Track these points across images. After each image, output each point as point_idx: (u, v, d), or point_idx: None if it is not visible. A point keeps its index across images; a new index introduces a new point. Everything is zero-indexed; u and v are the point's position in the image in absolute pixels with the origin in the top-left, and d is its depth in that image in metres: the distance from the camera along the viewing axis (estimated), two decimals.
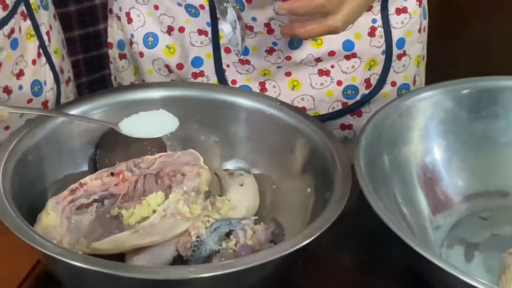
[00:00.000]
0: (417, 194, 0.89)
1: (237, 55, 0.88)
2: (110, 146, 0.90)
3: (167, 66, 1.04)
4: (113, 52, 1.10)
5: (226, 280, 0.70)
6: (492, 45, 1.84)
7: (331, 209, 0.76)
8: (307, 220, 0.83)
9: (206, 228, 0.80)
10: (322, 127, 0.89)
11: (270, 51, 0.99)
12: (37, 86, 1.00)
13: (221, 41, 1.00)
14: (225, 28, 0.86)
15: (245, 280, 0.73)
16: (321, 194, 0.82)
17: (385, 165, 0.86)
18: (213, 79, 1.02)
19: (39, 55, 1.00)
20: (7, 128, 0.98)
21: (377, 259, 0.87)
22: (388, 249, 0.83)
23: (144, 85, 1.01)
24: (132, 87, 0.99)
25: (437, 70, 1.16)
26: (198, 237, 0.79)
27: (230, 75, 1.02)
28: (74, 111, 0.89)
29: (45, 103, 1.03)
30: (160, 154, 0.89)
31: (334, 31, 0.84)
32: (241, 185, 0.89)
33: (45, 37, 1.01)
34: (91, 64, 1.24)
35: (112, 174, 0.85)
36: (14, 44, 0.96)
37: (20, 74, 0.97)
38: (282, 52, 0.99)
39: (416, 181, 0.89)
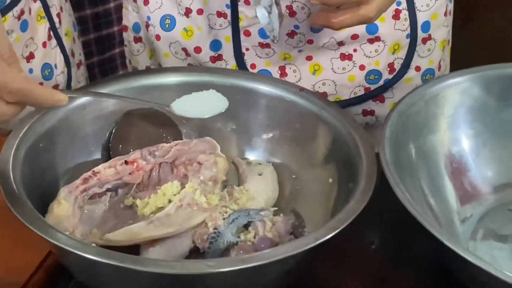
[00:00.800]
0: (444, 184, 0.87)
1: (273, 41, 0.87)
2: (124, 133, 0.88)
3: (184, 49, 1.02)
4: (128, 35, 1.09)
5: (245, 275, 0.68)
6: None
7: (356, 201, 0.73)
8: (329, 212, 0.82)
9: (224, 219, 0.79)
10: (345, 115, 0.86)
11: (291, 34, 0.97)
12: (47, 70, 0.99)
13: (241, 24, 0.98)
14: (259, 12, 0.84)
15: (265, 274, 0.71)
16: (345, 185, 0.80)
17: (411, 155, 0.84)
18: (232, 63, 1.01)
19: (49, 38, 0.99)
20: None
21: (402, 251, 0.85)
22: (413, 241, 0.82)
23: (159, 70, 1.00)
24: (147, 72, 0.96)
25: (458, 56, 1.15)
26: (215, 228, 0.77)
27: (249, 59, 1.00)
28: (85, 98, 0.87)
29: (55, 87, 1.01)
30: (176, 142, 0.87)
31: (367, 20, 0.83)
32: (260, 174, 0.87)
33: (56, 19, 1.00)
34: (101, 44, 1.24)
35: (126, 162, 0.83)
36: (24, 26, 0.94)
37: (30, 57, 0.96)
38: (304, 35, 0.97)
39: (443, 172, 0.87)
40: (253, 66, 1.01)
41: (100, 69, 1.31)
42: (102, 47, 1.28)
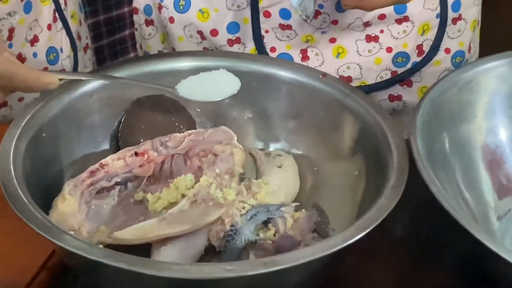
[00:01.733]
0: (480, 178, 0.84)
1: (306, 20, 0.85)
2: (134, 122, 0.85)
3: (199, 32, 1.00)
4: (139, 18, 1.06)
5: (267, 279, 0.64)
6: None
7: (387, 197, 0.69)
8: (355, 207, 0.78)
9: (241, 215, 0.75)
10: (372, 102, 0.83)
11: (315, 14, 0.94)
12: (52, 54, 0.97)
13: (260, 4, 0.95)
14: None
15: (288, 278, 0.67)
16: (373, 178, 0.77)
17: (444, 146, 0.82)
18: (250, 46, 0.99)
19: (54, 20, 0.97)
20: (21, 99, 0.97)
21: (433, 249, 0.82)
22: (446, 238, 0.80)
23: (172, 54, 0.98)
24: (159, 56, 0.96)
25: (486, 39, 1.13)
26: (232, 225, 0.74)
27: (269, 41, 0.98)
28: (93, 83, 0.84)
29: None
30: (189, 131, 0.84)
31: (402, 0, 0.82)
32: (280, 167, 0.84)
33: (61, 0, 0.98)
34: (111, 25, 1.22)
35: (136, 154, 0.80)
36: (28, 8, 0.92)
37: (34, 40, 0.95)
38: (328, 15, 0.95)
39: (479, 164, 0.85)
40: (273, 49, 0.98)
41: (110, 51, 1.29)
42: (112, 28, 1.26)
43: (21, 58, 0.94)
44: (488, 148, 0.85)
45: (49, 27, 0.96)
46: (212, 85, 0.83)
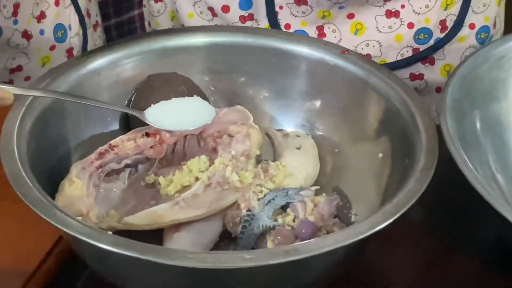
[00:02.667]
0: None
1: None
2: (145, 101, 0.81)
3: (210, 8, 0.98)
4: None
5: (288, 268, 0.60)
6: None
7: (417, 180, 0.66)
8: (380, 192, 0.76)
9: (259, 200, 0.74)
10: (398, 80, 0.80)
11: None
12: (60, 31, 0.96)
13: None
14: None
15: (310, 267, 0.63)
16: (399, 161, 0.74)
17: (475, 126, 0.80)
18: (264, 23, 0.97)
19: None
20: (27, 78, 0.95)
21: (463, 236, 0.80)
22: (474, 222, 0.79)
23: (183, 29, 0.95)
24: (170, 31, 0.91)
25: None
26: (249, 210, 0.72)
27: (283, 18, 0.95)
28: (101, 60, 0.82)
29: (69, 51, 0.98)
30: None
31: None
32: (298, 148, 0.82)
33: None
34: (119, 4, 1.20)
35: (147, 134, 0.78)
36: None
37: (41, 16, 0.93)
38: None
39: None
40: (287, 26, 0.96)
41: (118, 32, 1.29)
42: (120, 8, 1.24)
43: (27, 34, 0.92)
44: None
45: (57, 3, 0.95)
46: (184, 113, 0.79)
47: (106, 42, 1.14)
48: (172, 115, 0.79)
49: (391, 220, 0.61)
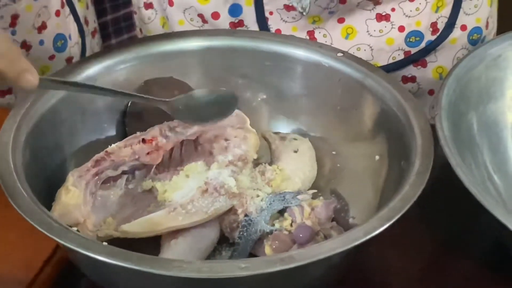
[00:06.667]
0: (510, 159, 0.82)
1: (301, 13, 0.83)
2: (141, 107, 0.83)
3: (200, 15, 0.97)
4: (137, 1, 1.04)
5: (284, 276, 0.60)
6: None
7: (412, 185, 0.66)
8: (377, 194, 0.76)
9: (256, 204, 0.73)
10: (394, 82, 0.80)
11: None
12: (60, 41, 0.96)
13: None
14: None
15: (307, 274, 0.63)
16: (395, 163, 0.74)
17: (472, 127, 0.80)
18: (254, 29, 0.96)
19: (62, 5, 0.96)
20: None
21: (460, 238, 0.80)
22: (473, 226, 0.79)
23: (179, 34, 0.93)
24: (166, 36, 0.90)
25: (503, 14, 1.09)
26: (246, 215, 0.72)
27: (273, 24, 0.95)
28: (97, 66, 0.82)
29: (69, 60, 0.98)
30: None
31: None
32: (295, 151, 0.82)
33: None
34: (116, 0, 1.19)
35: (143, 140, 0.78)
36: None
37: (42, 27, 0.93)
38: None
39: (508, 144, 0.82)
40: (278, 31, 0.96)
41: (115, 28, 1.26)
42: (117, 4, 1.23)
43: (26, 45, 0.92)
44: None
45: (58, 13, 0.94)
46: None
47: (103, 38, 1.14)
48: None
49: (386, 225, 0.61)
